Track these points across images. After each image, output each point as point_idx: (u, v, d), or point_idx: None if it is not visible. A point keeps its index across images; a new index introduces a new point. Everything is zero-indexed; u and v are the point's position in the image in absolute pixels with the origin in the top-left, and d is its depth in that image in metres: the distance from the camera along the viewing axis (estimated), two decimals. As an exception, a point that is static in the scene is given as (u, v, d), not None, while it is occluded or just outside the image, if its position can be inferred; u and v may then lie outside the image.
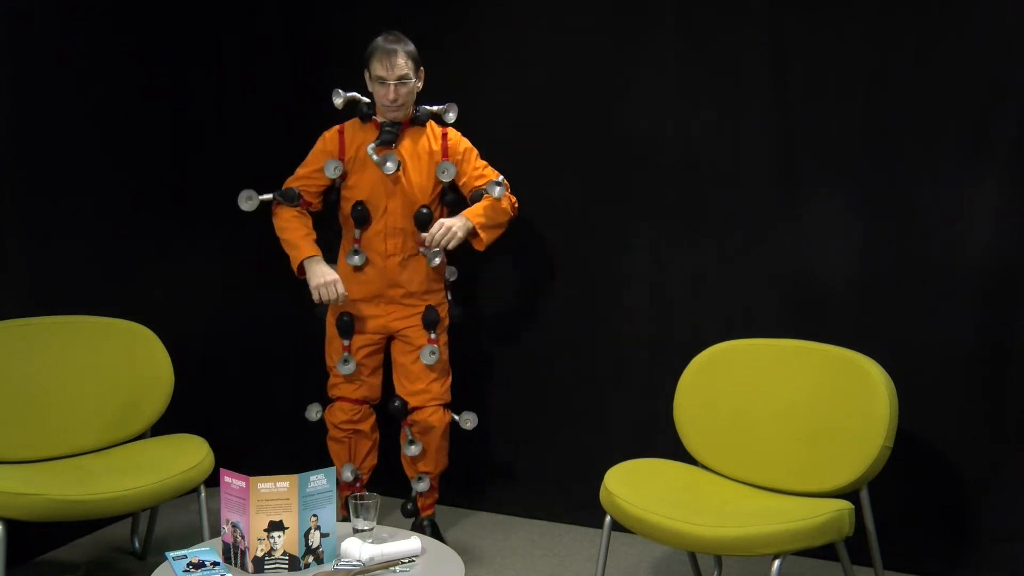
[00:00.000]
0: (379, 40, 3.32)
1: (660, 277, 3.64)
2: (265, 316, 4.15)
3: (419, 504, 3.57)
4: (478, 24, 3.84)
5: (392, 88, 3.26)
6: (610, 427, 3.76)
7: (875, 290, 3.33)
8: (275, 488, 2.40)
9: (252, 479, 2.39)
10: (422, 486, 3.50)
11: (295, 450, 3.95)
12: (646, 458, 3.10)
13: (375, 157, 3.30)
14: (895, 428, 2.77)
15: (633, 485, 2.85)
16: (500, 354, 3.91)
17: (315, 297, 3.31)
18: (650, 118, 3.60)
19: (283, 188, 3.43)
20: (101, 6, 3.63)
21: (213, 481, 2.77)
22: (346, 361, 3.43)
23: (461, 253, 3.54)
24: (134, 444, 3.28)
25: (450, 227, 3.27)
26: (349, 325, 3.43)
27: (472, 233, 3.33)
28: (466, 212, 3.34)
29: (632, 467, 3.00)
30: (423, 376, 3.44)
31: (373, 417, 3.54)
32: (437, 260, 3.36)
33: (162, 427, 3.33)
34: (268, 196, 3.42)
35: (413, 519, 3.59)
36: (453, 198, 3.48)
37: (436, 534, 3.54)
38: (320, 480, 2.45)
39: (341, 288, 3.30)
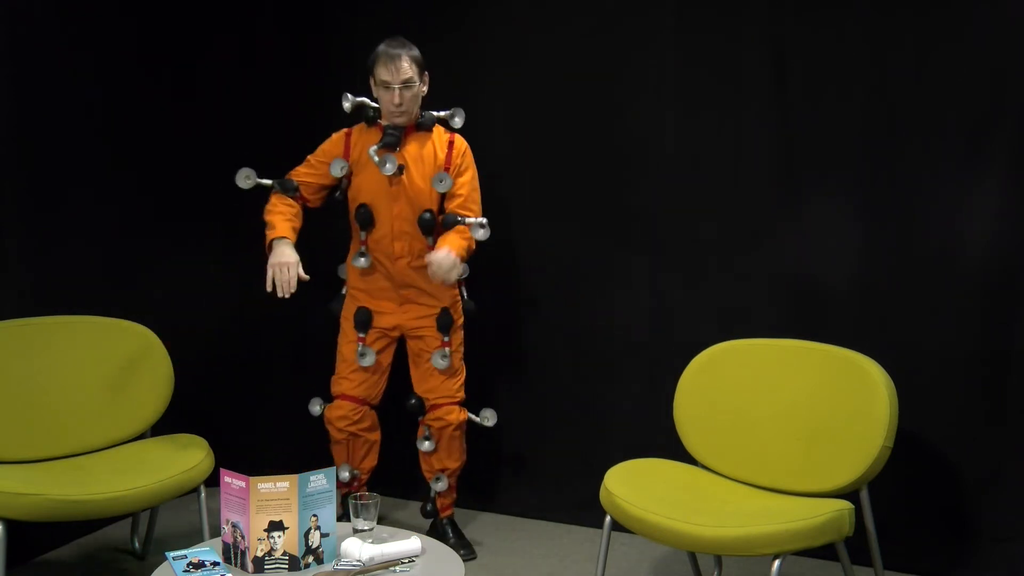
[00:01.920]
0: (382, 45, 3.32)
1: (660, 277, 3.64)
2: (265, 316, 4.15)
3: (438, 504, 3.57)
4: (478, 25, 3.84)
5: (397, 92, 3.26)
6: (610, 427, 3.76)
7: (875, 290, 3.33)
8: (275, 488, 2.40)
9: (252, 479, 2.39)
10: (440, 485, 3.51)
11: (295, 450, 3.95)
12: (646, 458, 3.10)
13: (375, 158, 3.31)
14: (895, 428, 2.77)
15: (633, 485, 2.85)
16: (499, 354, 3.90)
17: (268, 276, 3.21)
18: (650, 118, 3.60)
19: (284, 178, 3.44)
20: (102, 6, 3.63)
21: (213, 481, 2.77)
22: (363, 354, 3.44)
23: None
24: (134, 444, 3.28)
25: (453, 264, 3.19)
26: (367, 319, 3.44)
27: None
28: (450, 245, 3.24)
29: (632, 467, 3.00)
30: (437, 376, 3.45)
31: (372, 418, 3.54)
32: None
33: (162, 427, 3.33)
34: (267, 181, 3.42)
35: (432, 520, 3.61)
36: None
37: (456, 532, 3.56)
38: (320, 480, 2.45)
39: (295, 273, 3.20)
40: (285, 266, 3.21)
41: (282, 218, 3.36)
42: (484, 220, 3.36)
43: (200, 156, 4.00)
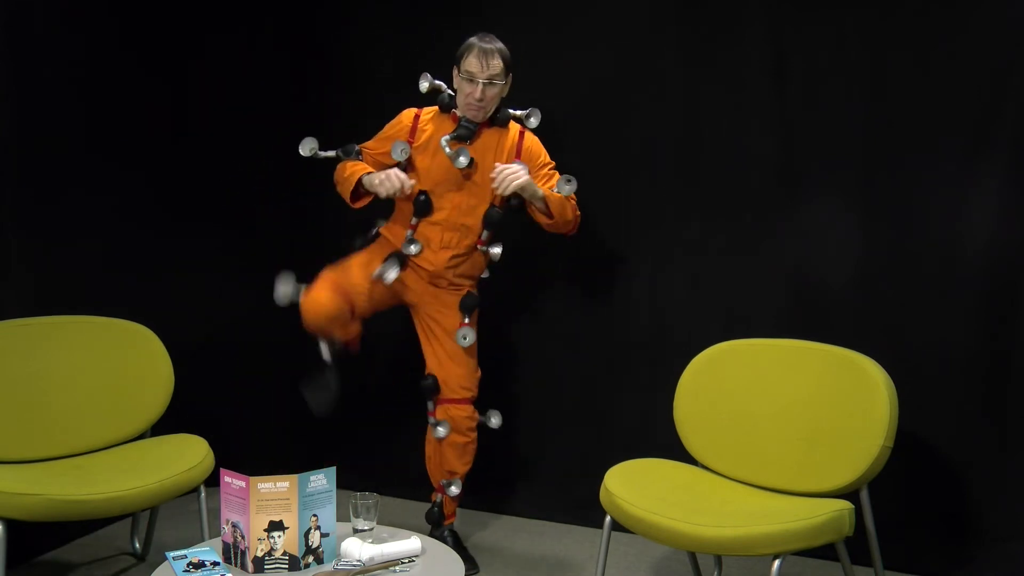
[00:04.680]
0: (475, 39, 3.26)
1: (661, 277, 3.64)
2: (265, 316, 4.14)
3: (444, 510, 3.49)
4: (478, 26, 3.83)
5: (480, 87, 3.20)
6: (610, 427, 3.76)
7: (875, 290, 3.33)
8: (275, 488, 2.40)
9: (252, 479, 2.39)
10: (454, 489, 3.41)
11: (295, 450, 3.95)
12: (646, 458, 3.10)
13: (448, 150, 3.24)
14: (895, 428, 2.77)
15: (633, 485, 2.85)
16: (499, 355, 3.90)
17: (382, 190, 3.17)
18: (650, 117, 3.61)
19: (353, 146, 3.34)
20: (103, 6, 3.63)
21: (213, 481, 2.77)
22: (386, 274, 3.27)
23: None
24: (134, 444, 3.28)
25: (517, 172, 3.16)
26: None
27: (540, 199, 3.25)
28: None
29: (632, 467, 3.00)
30: (456, 364, 3.37)
31: (348, 315, 3.31)
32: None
33: (162, 427, 3.33)
34: (331, 153, 3.33)
35: (434, 526, 3.51)
36: (519, 203, 3.36)
37: (457, 543, 3.48)
38: (320, 480, 2.45)
39: (404, 176, 3.18)
40: (392, 175, 3.16)
41: (360, 166, 3.30)
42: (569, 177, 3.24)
43: (201, 156, 4.01)
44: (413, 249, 3.33)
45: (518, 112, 3.37)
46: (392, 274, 3.28)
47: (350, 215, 3.51)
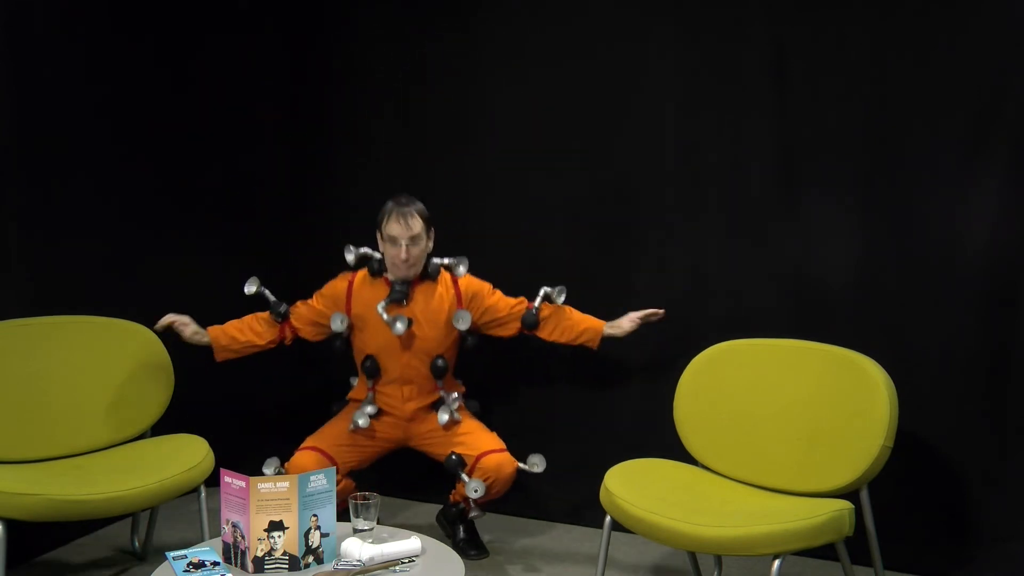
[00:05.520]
0: (391, 203, 3.33)
1: (660, 277, 3.64)
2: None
3: (464, 514, 3.53)
4: (479, 25, 3.84)
5: (404, 248, 3.28)
6: (610, 427, 3.76)
7: (875, 290, 3.33)
8: (275, 488, 2.40)
9: (252, 479, 2.39)
10: (479, 491, 3.38)
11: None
12: (646, 458, 3.10)
13: (385, 317, 3.34)
14: (895, 428, 2.77)
15: (633, 485, 2.85)
16: (499, 354, 3.90)
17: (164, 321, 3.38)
18: (650, 118, 3.60)
19: (283, 304, 3.47)
20: (103, 6, 3.63)
21: (213, 481, 2.77)
22: (356, 421, 3.37)
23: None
24: (134, 444, 3.28)
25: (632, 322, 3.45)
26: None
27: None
28: (592, 323, 3.48)
29: (632, 467, 3.00)
30: (470, 436, 3.40)
31: (344, 482, 3.38)
32: (446, 418, 3.40)
33: (162, 427, 3.33)
34: (271, 297, 3.48)
35: (449, 522, 3.58)
36: (473, 341, 3.50)
37: (469, 530, 3.53)
38: (320, 480, 2.45)
39: (174, 321, 3.37)
40: (177, 320, 3.38)
41: (235, 325, 3.48)
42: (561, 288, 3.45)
43: (201, 156, 4.00)
44: (370, 410, 3.40)
45: (446, 261, 3.46)
46: (363, 420, 3.39)
47: (351, 216, 3.51)
